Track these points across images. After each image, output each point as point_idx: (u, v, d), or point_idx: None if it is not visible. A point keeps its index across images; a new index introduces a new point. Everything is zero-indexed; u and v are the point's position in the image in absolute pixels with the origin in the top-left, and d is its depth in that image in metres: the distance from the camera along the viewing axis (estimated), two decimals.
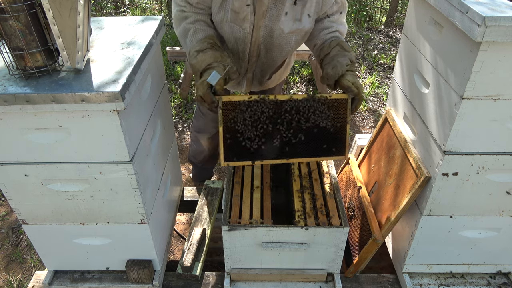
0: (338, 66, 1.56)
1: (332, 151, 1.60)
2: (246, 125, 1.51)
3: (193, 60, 1.52)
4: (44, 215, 1.47)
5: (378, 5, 7.56)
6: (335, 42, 1.65)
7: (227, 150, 1.52)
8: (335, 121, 1.56)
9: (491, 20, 1.10)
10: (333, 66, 1.57)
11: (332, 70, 1.56)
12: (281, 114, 1.51)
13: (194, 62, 1.52)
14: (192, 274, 1.71)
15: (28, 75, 1.18)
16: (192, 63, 1.53)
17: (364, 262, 1.70)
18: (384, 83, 4.69)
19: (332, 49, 1.63)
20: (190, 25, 1.59)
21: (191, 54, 1.54)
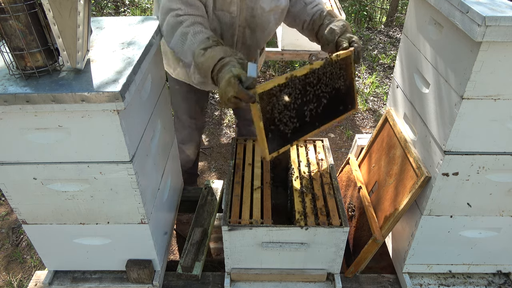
0: (335, 30, 1.68)
1: (348, 107, 1.66)
2: (282, 111, 1.45)
3: (201, 58, 1.40)
4: (44, 215, 1.47)
5: (378, 5, 7.56)
6: (323, 13, 1.76)
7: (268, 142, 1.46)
8: (345, 78, 1.61)
9: (491, 20, 1.10)
10: (331, 31, 1.68)
11: (331, 35, 1.68)
12: (306, 88, 1.50)
13: (202, 60, 1.39)
14: (192, 274, 1.71)
15: (28, 75, 1.18)
16: (199, 62, 1.40)
17: (364, 262, 1.70)
18: (384, 83, 4.69)
19: (324, 19, 1.75)
20: (188, 28, 1.48)
21: (197, 53, 1.41)
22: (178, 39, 1.49)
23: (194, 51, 1.43)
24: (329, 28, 1.69)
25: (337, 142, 3.73)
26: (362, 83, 4.68)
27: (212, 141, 3.74)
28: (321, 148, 1.93)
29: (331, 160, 1.84)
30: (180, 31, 1.48)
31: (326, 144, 1.96)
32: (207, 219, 1.94)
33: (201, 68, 1.41)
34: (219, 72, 1.36)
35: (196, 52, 1.42)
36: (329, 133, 3.85)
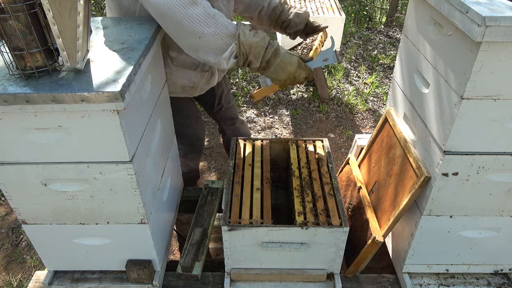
0: (301, 13, 1.78)
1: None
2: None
3: (254, 38, 1.37)
4: (44, 215, 1.47)
5: (378, 5, 7.56)
6: (280, 5, 1.86)
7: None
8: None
9: (491, 20, 1.10)
10: (297, 14, 1.79)
11: (299, 18, 1.78)
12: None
13: (256, 40, 1.37)
14: (192, 274, 1.71)
15: (28, 75, 1.18)
16: (253, 41, 1.37)
17: (364, 262, 1.70)
18: (384, 83, 4.69)
19: (283, 6, 1.84)
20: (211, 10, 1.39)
21: (248, 33, 1.38)
22: (203, 20, 1.36)
23: (240, 31, 1.38)
24: (295, 13, 1.80)
25: (337, 142, 3.74)
26: (362, 83, 4.69)
27: (212, 141, 3.74)
28: (321, 148, 1.93)
29: (331, 160, 1.84)
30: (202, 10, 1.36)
31: (326, 144, 1.96)
32: (207, 219, 1.94)
33: (255, 47, 1.38)
34: (276, 53, 1.41)
35: (245, 32, 1.38)
36: (329, 133, 3.85)
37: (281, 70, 1.43)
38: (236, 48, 1.39)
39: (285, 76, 1.43)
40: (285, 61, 1.42)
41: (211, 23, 1.36)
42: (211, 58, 1.43)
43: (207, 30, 1.36)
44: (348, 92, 4.47)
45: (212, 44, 1.39)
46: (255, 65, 1.42)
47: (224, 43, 1.39)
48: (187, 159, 2.31)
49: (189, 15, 1.35)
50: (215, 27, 1.37)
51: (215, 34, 1.37)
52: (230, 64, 1.42)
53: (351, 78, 4.80)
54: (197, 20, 1.35)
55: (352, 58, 5.22)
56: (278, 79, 1.45)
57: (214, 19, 1.37)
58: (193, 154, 2.30)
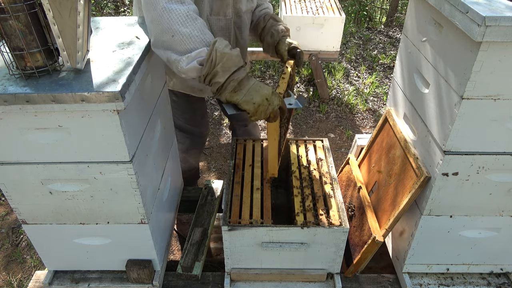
0: (275, 34, 1.78)
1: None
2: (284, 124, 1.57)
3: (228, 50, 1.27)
4: (44, 215, 1.47)
5: (378, 5, 7.56)
6: (268, 16, 1.86)
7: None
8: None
9: (491, 20, 1.10)
10: (271, 34, 1.79)
11: (271, 38, 1.79)
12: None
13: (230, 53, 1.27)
14: (192, 274, 1.71)
15: (28, 75, 1.18)
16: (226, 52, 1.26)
17: (364, 262, 1.70)
18: (384, 83, 4.69)
19: (267, 22, 1.84)
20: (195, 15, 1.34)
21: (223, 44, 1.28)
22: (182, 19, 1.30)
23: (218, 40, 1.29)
24: (270, 32, 1.80)
25: (337, 142, 3.74)
26: (362, 83, 4.69)
27: (212, 141, 3.74)
28: (321, 148, 1.93)
29: (331, 160, 1.84)
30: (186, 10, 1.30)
31: (326, 144, 1.96)
32: (207, 219, 1.94)
33: (228, 58, 1.27)
34: (248, 80, 1.32)
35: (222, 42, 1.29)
36: (329, 133, 3.86)
37: (256, 92, 1.30)
38: (206, 54, 1.28)
39: (260, 99, 1.29)
40: (259, 85, 1.32)
41: (189, 25, 1.29)
42: (172, 56, 1.32)
43: (182, 30, 1.28)
44: (348, 92, 4.47)
45: (182, 45, 1.29)
46: (220, 79, 1.28)
47: (194, 47, 1.29)
48: (188, 155, 2.32)
49: (170, 9, 1.29)
50: (191, 29, 1.29)
51: (189, 35, 1.29)
52: (190, 67, 1.30)
53: (351, 78, 4.80)
54: (176, 17, 1.29)
55: (352, 58, 5.22)
56: (252, 102, 1.29)
57: (194, 22, 1.30)
58: (194, 150, 2.30)
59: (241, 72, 1.30)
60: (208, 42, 1.31)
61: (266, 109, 1.32)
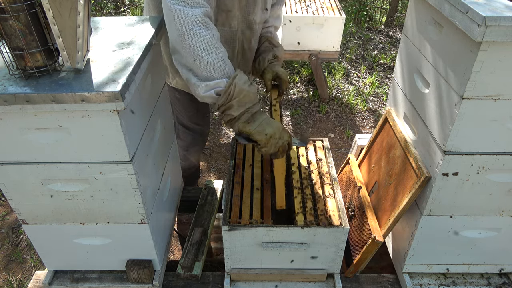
0: (261, 62, 1.78)
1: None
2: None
3: (252, 88, 1.33)
4: (44, 215, 1.47)
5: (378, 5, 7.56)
6: (264, 38, 1.84)
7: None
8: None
9: (491, 20, 1.10)
10: (259, 61, 1.79)
11: (258, 65, 1.79)
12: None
13: (248, 89, 1.32)
14: (192, 274, 1.71)
15: (28, 75, 1.18)
16: (245, 88, 1.31)
17: (364, 262, 1.70)
18: (384, 83, 4.69)
19: (261, 45, 1.83)
20: (219, 42, 1.35)
21: (243, 79, 1.33)
22: (206, 46, 1.32)
23: (238, 73, 1.34)
24: (258, 59, 1.80)
25: (337, 142, 3.74)
26: (362, 83, 4.69)
27: (212, 141, 3.74)
28: (321, 148, 1.93)
29: (331, 160, 1.84)
30: (210, 36, 1.32)
31: (326, 144, 1.96)
32: (207, 219, 1.94)
33: (245, 95, 1.32)
34: (261, 113, 1.38)
35: (242, 77, 1.33)
36: (329, 133, 3.85)
37: (268, 125, 1.35)
38: (225, 86, 1.32)
39: (272, 131, 1.35)
40: (271, 119, 1.39)
41: (212, 53, 1.31)
42: (192, 79, 1.36)
43: (205, 57, 1.31)
44: (348, 92, 4.47)
45: (203, 71, 1.33)
46: (234, 112, 1.33)
47: (215, 76, 1.32)
48: (189, 153, 2.32)
49: (195, 34, 1.30)
50: (214, 58, 1.31)
51: (211, 64, 1.32)
52: (208, 95, 1.34)
53: (351, 78, 4.80)
54: (200, 43, 1.31)
55: (352, 58, 5.22)
56: (264, 133, 1.35)
57: (217, 51, 1.32)
58: (195, 147, 2.30)
59: (256, 106, 1.37)
60: (228, 74, 1.34)
61: (276, 142, 1.38)
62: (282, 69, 1.78)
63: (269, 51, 1.79)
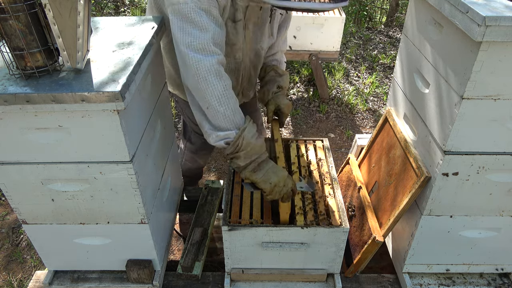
0: (266, 93, 1.80)
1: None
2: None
3: (258, 141, 1.40)
4: (44, 215, 1.47)
5: (378, 5, 7.56)
6: (270, 67, 1.86)
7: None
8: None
9: (491, 20, 1.10)
10: (263, 92, 1.82)
11: (263, 95, 1.82)
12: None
13: (255, 142, 1.39)
14: (192, 274, 1.71)
15: (28, 75, 1.18)
16: (252, 142, 1.38)
17: (364, 262, 1.70)
18: (384, 83, 4.69)
19: (267, 74, 1.85)
20: (230, 92, 1.40)
21: (252, 133, 1.39)
22: (215, 98, 1.37)
23: (248, 126, 1.40)
24: (263, 90, 1.82)
25: (337, 142, 3.73)
26: (362, 83, 4.69)
27: None
28: (321, 148, 1.93)
29: (331, 160, 1.84)
30: (223, 88, 1.37)
31: (326, 144, 1.96)
32: (207, 219, 1.94)
33: (252, 148, 1.39)
34: (267, 162, 1.44)
35: (251, 130, 1.40)
36: (329, 133, 3.85)
37: (273, 174, 1.42)
38: (234, 137, 1.38)
39: (276, 180, 1.41)
40: (276, 167, 1.44)
41: (225, 103, 1.37)
42: (205, 126, 1.43)
43: (217, 107, 1.37)
44: (348, 92, 4.47)
45: (215, 120, 1.39)
46: (241, 162, 1.41)
47: (225, 126, 1.39)
48: (198, 156, 2.31)
49: (209, 83, 1.36)
50: (225, 108, 1.38)
51: (222, 114, 1.38)
52: (217, 144, 1.41)
53: (351, 78, 4.80)
54: (213, 92, 1.36)
55: (352, 58, 5.23)
56: (269, 182, 1.41)
57: (229, 101, 1.38)
58: (204, 151, 2.30)
59: (263, 156, 1.42)
60: (238, 125, 1.40)
61: (280, 190, 1.44)
62: (285, 101, 1.81)
63: (274, 82, 1.82)
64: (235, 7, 1.50)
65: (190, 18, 1.35)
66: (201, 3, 1.35)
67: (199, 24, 1.35)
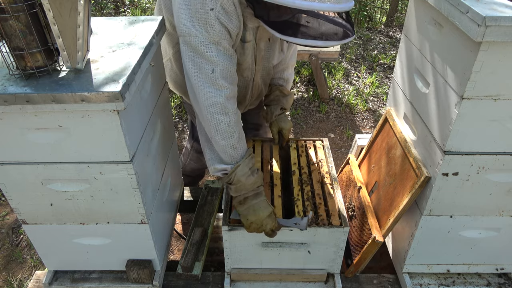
0: (269, 114, 1.87)
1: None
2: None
3: (245, 179, 1.44)
4: (44, 215, 1.47)
5: (378, 5, 7.56)
6: (275, 87, 1.88)
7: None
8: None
9: (491, 20, 1.10)
10: (267, 112, 1.88)
11: (266, 115, 1.88)
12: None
13: (245, 181, 1.44)
14: (192, 274, 1.71)
15: (28, 75, 1.18)
16: (242, 180, 1.44)
17: (364, 262, 1.70)
18: (384, 83, 4.69)
19: (272, 93, 1.88)
20: (234, 128, 1.45)
21: (244, 172, 1.45)
22: (219, 133, 1.44)
23: (242, 164, 1.45)
24: (267, 109, 1.88)
25: (337, 142, 3.73)
26: (362, 83, 4.69)
27: None
28: (321, 148, 1.93)
29: (331, 160, 1.84)
30: (227, 123, 1.43)
31: (326, 144, 1.96)
32: (207, 219, 1.94)
33: (242, 184, 1.44)
34: (256, 196, 1.47)
35: (243, 169, 1.45)
36: (329, 133, 3.85)
37: (253, 212, 1.45)
38: (229, 171, 1.46)
39: (253, 219, 1.45)
40: (260, 205, 1.46)
41: (226, 138, 1.44)
42: (207, 155, 1.53)
43: (219, 140, 1.44)
44: (348, 92, 4.47)
45: (216, 150, 1.49)
46: (231, 193, 1.49)
47: (224, 158, 1.47)
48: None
49: (214, 117, 1.42)
50: (226, 143, 1.44)
51: (222, 147, 1.45)
52: (216, 174, 1.51)
53: (351, 78, 4.80)
54: (218, 126, 1.43)
55: (352, 58, 5.22)
56: (246, 219, 1.46)
57: (231, 137, 1.44)
58: None
59: (250, 192, 1.46)
60: (236, 159, 1.47)
61: (258, 228, 1.46)
62: (287, 124, 1.88)
63: (278, 104, 1.86)
64: (246, 29, 1.49)
65: (200, 51, 1.37)
66: (211, 36, 1.35)
67: (208, 58, 1.37)
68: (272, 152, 1.92)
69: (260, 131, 2.38)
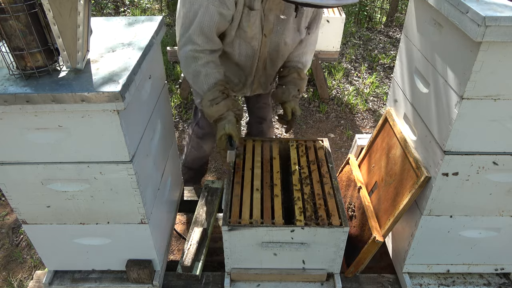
0: (286, 93, 1.86)
1: None
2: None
3: (208, 110, 1.63)
4: (44, 215, 1.47)
5: (378, 5, 7.56)
6: (294, 69, 1.89)
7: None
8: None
9: (491, 20, 1.10)
10: (283, 91, 1.86)
11: (282, 94, 1.87)
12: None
13: (209, 112, 1.63)
14: (192, 274, 1.71)
15: (28, 75, 1.18)
16: (206, 112, 1.64)
17: (364, 262, 1.70)
18: (384, 83, 4.69)
19: (289, 75, 1.89)
20: (201, 68, 1.62)
21: (205, 103, 1.63)
22: (191, 75, 1.66)
23: (203, 99, 1.65)
24: (284, 88, 1.88)
25: (337, 142, 3.73)
26: (362, 83, 4.69)
27: None
28: (321, 148, 1.93)
29: (331, 160, 1.84)
30: (194, 68, 1.63)
31: (326, 144, 1.96)
32: (207, 219, 1.94)
33: (207, 116, 1.66)
34: (218, 122, 1.65)
35: (204, 101, 1.64)
36: (329, 133, 3.85)
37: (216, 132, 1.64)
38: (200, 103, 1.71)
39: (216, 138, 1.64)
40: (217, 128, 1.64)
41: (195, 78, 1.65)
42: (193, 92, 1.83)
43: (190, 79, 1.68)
44: (348, 92, 4.47)
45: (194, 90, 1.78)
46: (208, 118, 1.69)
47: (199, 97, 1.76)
48: (203, 141, 2.32)
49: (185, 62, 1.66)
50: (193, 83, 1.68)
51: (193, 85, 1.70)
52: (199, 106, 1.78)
53: (351, 78, 4.80)
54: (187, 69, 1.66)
55: (352, 58, 5.22)
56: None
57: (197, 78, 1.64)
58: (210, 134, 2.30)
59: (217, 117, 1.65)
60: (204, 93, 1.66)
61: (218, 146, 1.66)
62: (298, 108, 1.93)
63: (296, 85, 1.88)
64: None
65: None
66: None
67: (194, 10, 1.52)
68: (272, 152, 1.91)
69: (263, 125, 2.39)
